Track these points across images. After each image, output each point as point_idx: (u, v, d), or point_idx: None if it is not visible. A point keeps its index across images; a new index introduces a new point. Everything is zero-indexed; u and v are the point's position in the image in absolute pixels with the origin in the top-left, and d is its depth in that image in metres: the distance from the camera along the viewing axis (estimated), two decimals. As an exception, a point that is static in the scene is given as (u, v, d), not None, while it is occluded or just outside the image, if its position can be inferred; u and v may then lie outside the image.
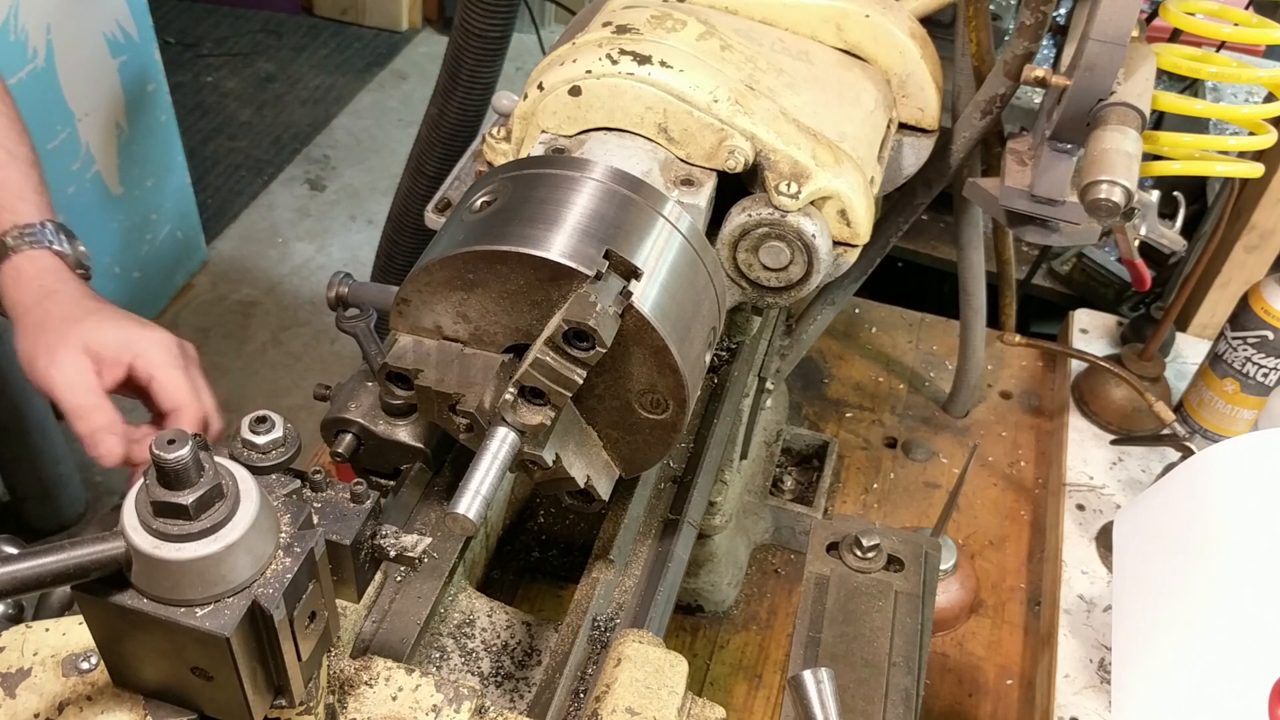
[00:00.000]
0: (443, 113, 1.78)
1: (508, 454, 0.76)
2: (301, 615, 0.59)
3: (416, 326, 0.83)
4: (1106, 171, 0.90)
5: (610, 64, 0.89)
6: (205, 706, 0.62)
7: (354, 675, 0.73)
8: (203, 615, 0.55)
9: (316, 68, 4.43)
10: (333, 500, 0.65)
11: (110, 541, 0.54)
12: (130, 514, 0.54)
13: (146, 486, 0.54)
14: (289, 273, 3.51)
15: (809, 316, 1.34)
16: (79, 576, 0.54)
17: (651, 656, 0.80)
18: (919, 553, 0.95)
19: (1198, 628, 1.01)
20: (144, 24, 2.78)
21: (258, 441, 0.65)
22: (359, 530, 0.64)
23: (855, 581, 0.93)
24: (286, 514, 0.60)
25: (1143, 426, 1.48)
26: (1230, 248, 1.56)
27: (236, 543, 0.55)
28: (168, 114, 3.00)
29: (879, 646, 0.88)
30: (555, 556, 1.23)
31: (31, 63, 2.41)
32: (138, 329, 1.10)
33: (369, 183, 3.88)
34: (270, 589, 0.56)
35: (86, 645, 0.65)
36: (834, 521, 0.97)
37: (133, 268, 3.03)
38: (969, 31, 1.10)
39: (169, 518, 0.54)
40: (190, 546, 0.54)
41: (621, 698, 0.77)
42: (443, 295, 0.80)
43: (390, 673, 0.73)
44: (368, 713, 0.71)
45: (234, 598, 0.56)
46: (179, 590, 0.55)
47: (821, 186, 0.90)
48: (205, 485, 0.54)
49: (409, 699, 0.72)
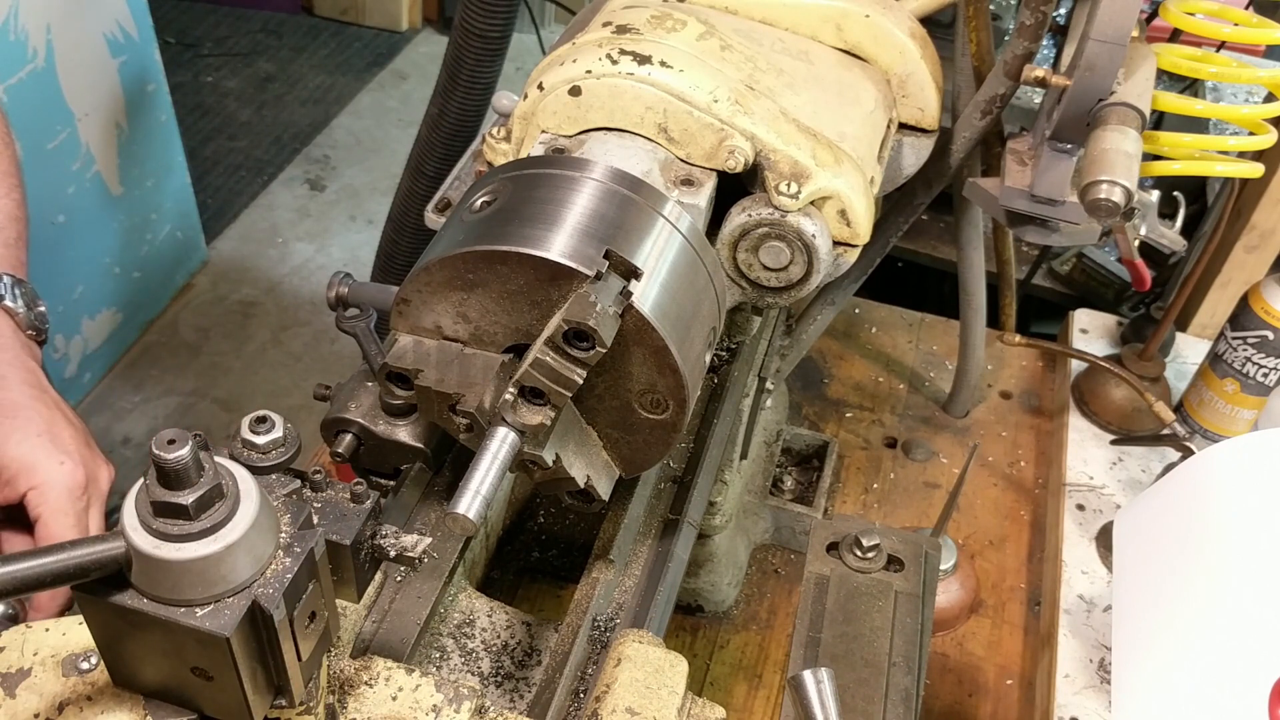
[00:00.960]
0: (443, 113, 1.77)
1: (508, 454, 0.76)
2: (301, 615, 0.59)
3: (417, 326, 0.83)
4: (1106, 171, 0.90)
5: (610, 64, 0.89)
6: (205, 706, 0.61)
7: (354, 675, 0.72)
8: (203, 615, 0.55)
9: (316, 68, 4.44)
10: (333, 500, 0.65)
11: (110, 541, 0.54)
12: (130, 514, 0.54)
13: (146, 487, 0.54)
14: (289, 273, 3.51)
15: (809, 316, 1.34)
16: (79, 576, 0.54)
17: (651, 656, 0.80)
18: (919, 553, 0.95)
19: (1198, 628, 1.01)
20: (144, 24, 2.78)
21: (258, 441, 0.65)
22: (359, 530, 0.64)
23: (855, 581, 0.93)
24: (286, 514, 0.60)
25: (1143, 426, 1.48)
26: (1230, 248, 1.56)
27: (236, 543, 0.55)
28: (168, 114, 3.00)
29: (879, 646, 0.88)
30: (555, 556, 1.23)
31: (31, 63, 2.41)
32: (47, 458, 1.00)
33: (369, 183, 3.88)
34: (270, 589, 0.56)
35: (86, 645, 0.65)
36: (834, 521, 0.97)
37: (133, 268, 3.03)
38: (969, 31, 1.10)
39: (169, 518, 0.54)
40: (190, 546, 0.54)
41: (621, 698, 0.77)
42: (443, 295, 0.80)
43: (390, 673, 0.73)
44: (368, 713, 0.71)
45: (234, 598, 0.56)
46: (179, 590, 0.55)
47: (821, 186, 0.90)
48: (205, 485, 0.54)
49: (409, 699, 0.72)
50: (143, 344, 3.18)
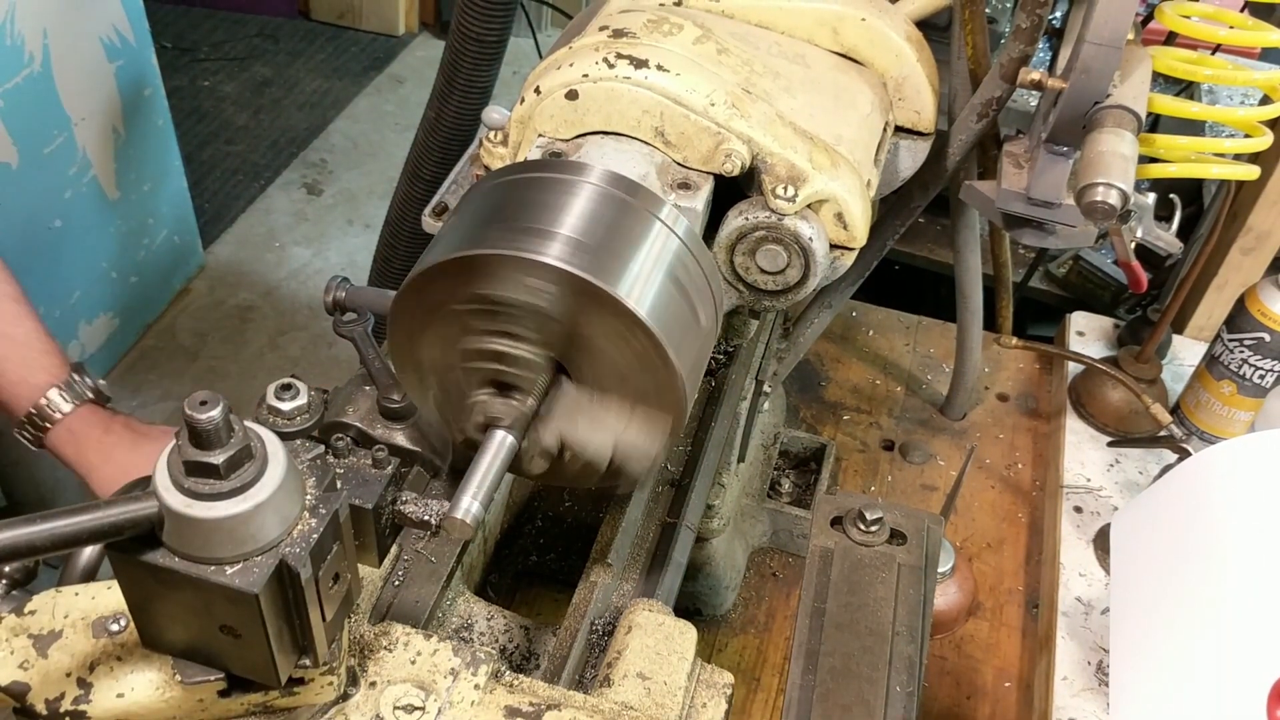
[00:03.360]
0: (440, 116, 1.78)
1: (505, 456, 0.76)
2: (326, 575, 0.61)
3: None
4: (1103, 174, 0.91)
5: (607, 68, 0.89)
6: (232, 666, 0.63)
7: (373, 640, 0.74)
8: (232, 573, 0.57)
9: (313, 72, 4.43)
10: (355, 466, 0.67)
11: (143, 501, 0.56)
12: (162, 474, 0.56)
13: (178, 447, 0.55)
14: (286, 277, 3.51)
15: (806, 319, 1.34)
16: (113, 535, 0.55)
17: (662, 624, 0.82)
18: (921, 527, 0.97)
19: (1196, 630, 1.01)
20: (140, 28, 2.78)
21: (283, 408, 0.67)
22: (380, 495, 0.66)
23: (859, 554, 0.94)
24: (311, 477, 0.61)
25: (1140, 428, 1.48)
26: (1226, 250, 1.56)
27: (265, 502, 0.56)
28: (164, 118, 3.00)
29: (883, 616, 0.90)
30: (553, 560, 1.23)
31: (28, 67, 2.41)
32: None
33: (366, 187, 3.88)
34: (297, 548, 0.58)
35: (115, 609, 0.67)
36: (838, 497, 0.99)
37: (130, 272, 3.03)
38: (965, 35, 1.10)
39: (200, 477, 0.55)
40: (221, 505, 0.55)
41: (633, 663, 0.80)
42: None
43: (409, 638, 0.75)
44: (388, 675, 0.73)
45: (262, 556, 0.57)
46: (209, 548, 0.56)
47: (818, 190, 0.90)
48: (235, 446, 0.55)
49: (427, 663, 0.73)
50: (140, 348, 3.17)
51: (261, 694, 0.66)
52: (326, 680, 0.67)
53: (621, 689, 0.78)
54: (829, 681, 0.84)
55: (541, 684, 0.76)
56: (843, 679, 0.84)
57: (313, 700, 0.68)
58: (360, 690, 0.71)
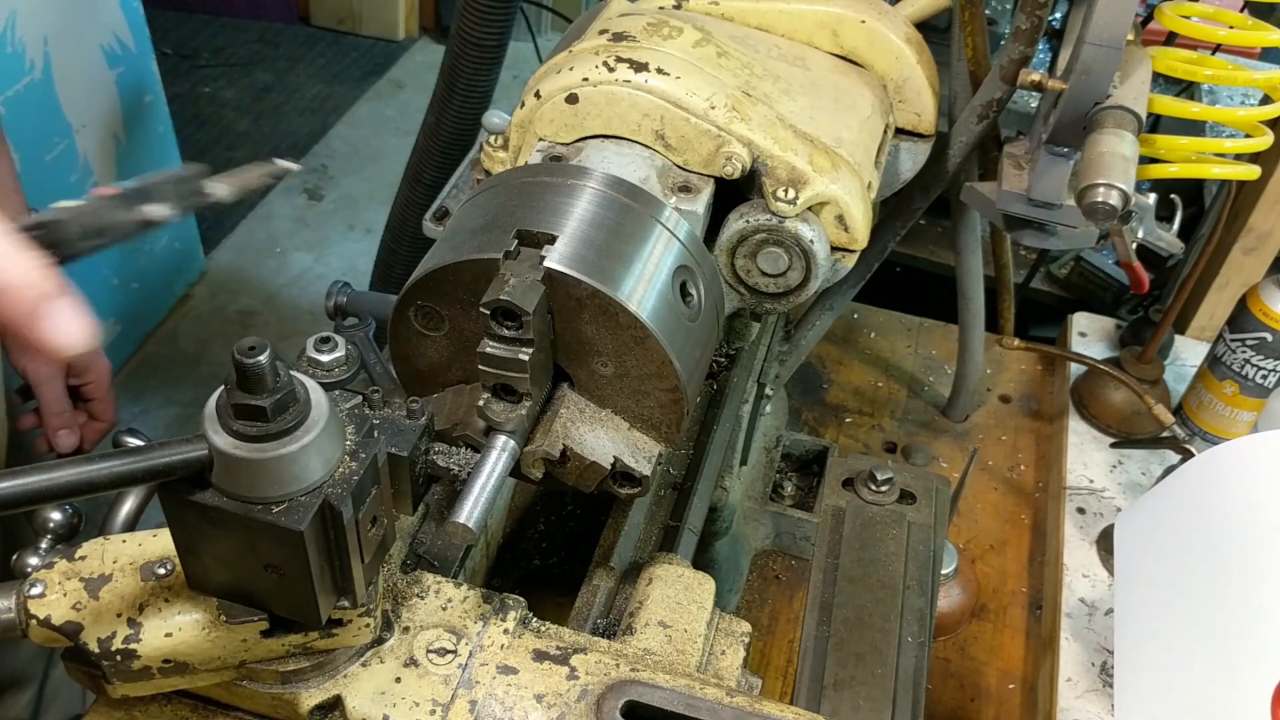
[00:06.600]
0: (440, 121, 1.78)
1: (507, 461, 0.76)
2: (365, 517, 0.64)
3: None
4: (1103, 175, 0.91)
5: (607, 71, 0.89)
6: (275, 607, 0.66)
7: (405, 589, 0.78)
8: (278, 512, 0.59)
9: (314, 77, 4.44)
10: (390, 417, 0.70)
11: (193, 444, 0.58)
12: (211, 418, 0.58)
13: (227, 390, 0.57)
14: (287, 282, 3.51)
15: (807, 322, 1.34)
16: (166, 475, 0.58)
17: (681, 575, 0.86)
18: (930, 487, 0.99)
19: (1200, 630, 1.01)
20: (141, 35, 2.78)
21: (322, 359, 0.72)
22: (414, 445, 0.69)
23: (870, 512, 0.97)
24: (350, 424, 0.64)
25: (1142, 429, 1.48)
26: (1228, 250, 1.56)
27: (309, 444, 0.59)
28: (165, 125, 3.00)
29: (894, 570, 0.92)
30: (556, 564, 1.23)
31: (29, 74, 2.41)
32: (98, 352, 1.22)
33: (367, 192, 3.88)
34: (339, 489, 0.61)
35: (162, 554, 0.69)
36: (849, 459, 1.02)
37: (131, 279, 3.03)
38: (965, 36, 1.10)
39: (248, 419, 0.57)
40: (267, 447, 0.58)
41: (654, 612, 0.83)
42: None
43: (440, 586, 0.78)
44: (420, 621, 0.76)
45: (306, 497, 0.60)
46: (256, 489, 0.59)
47: (819, 192, 0.90)
48: (281, 390, 0.57)
49: (459, 609, 0.77)
50: (142, 354, 3.17)
51: (302, 635, 0.68)
52: (364, 622, 0.70)
53: (644, 636, 0.81)
54: (843, 631, 0.88)
55: (568, 630, 0.79)
56: (856, 629, 0.88)
57: (350, 642, 0.71)
58: (394, 635, 0.75)
